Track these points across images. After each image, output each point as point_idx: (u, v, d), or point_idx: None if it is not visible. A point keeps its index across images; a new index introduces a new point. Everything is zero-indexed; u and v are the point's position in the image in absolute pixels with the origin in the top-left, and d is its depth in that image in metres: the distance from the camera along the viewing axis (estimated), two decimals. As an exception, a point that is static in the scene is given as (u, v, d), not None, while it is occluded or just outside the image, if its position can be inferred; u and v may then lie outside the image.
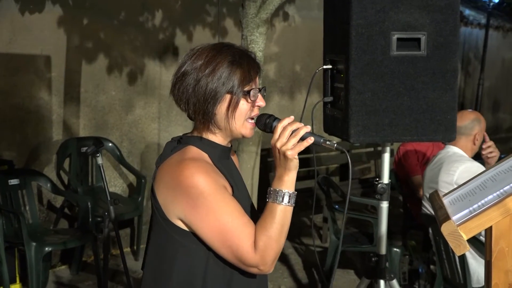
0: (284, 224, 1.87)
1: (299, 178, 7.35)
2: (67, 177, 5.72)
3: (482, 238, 3.65)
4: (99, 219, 5.01)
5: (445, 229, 1.68)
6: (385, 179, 3.10)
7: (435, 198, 1.98)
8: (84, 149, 5.63)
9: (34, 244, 4.48)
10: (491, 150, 4.06)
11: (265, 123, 1.94)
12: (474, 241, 3.71)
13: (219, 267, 1.92)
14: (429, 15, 2.73)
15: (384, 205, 3.14)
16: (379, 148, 7.55)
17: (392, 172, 5.46)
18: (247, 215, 1.88)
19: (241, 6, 4.19)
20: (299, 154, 1.87)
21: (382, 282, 3.20)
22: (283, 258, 5.80)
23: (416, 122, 2.77)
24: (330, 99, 2.99)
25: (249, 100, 1.94)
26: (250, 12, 4.12)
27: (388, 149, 3.11)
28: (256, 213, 2.06)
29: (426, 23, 2.73)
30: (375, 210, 6.18)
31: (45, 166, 5.71)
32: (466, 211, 1.74)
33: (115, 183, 6.16)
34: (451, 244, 1.67)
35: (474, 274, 3.85)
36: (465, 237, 1.66)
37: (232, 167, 2.07)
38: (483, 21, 11.24)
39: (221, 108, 1.92)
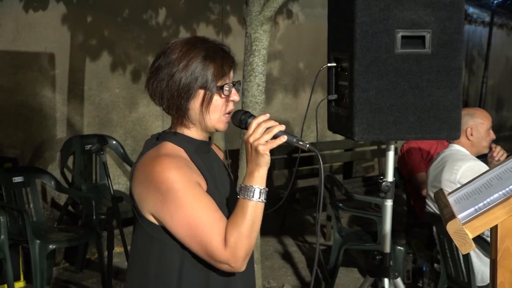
0: (255, 220, 1.85)
1: (302, 176, 7.33)
2: (71, 174, 5.72)
3: (486, 237, 3.64)
4: (103, 216, 5.01)
5: (450, 227, 1.68)
6: (390, 177, 3.09)
7: (440, 197, 1.97)
8: (88, 146, 5.63)
9: (38, 241, 4.48)
10: (501, 154, 4.12)
11: (240, 119, 1.94)
12: (478, 240, 3.70)
13: (195, 264, 1.91)
14: (434, 12, 2.72)
15: (389, 203, 3.14)
16: (383, 146, 7.54)
17: (395, 170, 5.44)
18: (220, 211, 1.86)
19: (245, 3, 4.18)
20: (304, 151, 1.86)
21: (386, 280, 3.20)
22: (286, 256, 5.80)
23: (420, 120, 2.77)
24: (334, 97, 2.98)
25: (222, 95, 1.93)
26: (254, 9, 4.12)
27: (392, 147, 3.10)
28: None
29: (431, 20, 2.73)
30: (379, 208, 6.17)
31: (49, 164, 5.72)
32: (472, 209, 1.73)
33: (119, 181, 6.17)
34: (457, 243, 1.67)
35: (479, 273, 3.84)
36: (471, 236, 1.66)
37: (213, 161, 2.05)
38: (487, 19, 11.22)
39: (195, 103, 1.92)
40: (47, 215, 5.63)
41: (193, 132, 1.98)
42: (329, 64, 2.98)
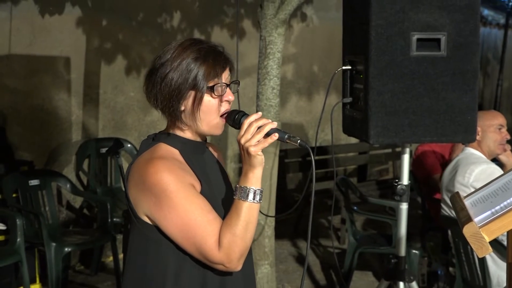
0: (250, 222, 1.84)
1: (317, 179, 7.31)
2: (86, 177, 5.75)
3: (502, 241, 3.62)
4: (118, 219, 5.03)
5: (467, 231, 1.67)
6: (405, 180, 3.09)
7: (456, 200, 1.96)
8: (103, 150, 5.66)
9: (53, 244, 4.51)
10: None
11: (234, 119, 1.92)
12: (494, 244, 3.68)
13: (191, 263, 1.91)
14: (449, 15, 2.72)
15: (404, 206, 3.13)
16: (398, 149, 7.52)
17: (410, 173, 5.42)
18: (215, 213, 1.86)
19: (260, 6, 4.19)
20: (318, 154, 1.85)
21: (401, 284, 3.19)
22: (301, 259, 5.80)
23: (436, 123, 2.76)
24: (349, 100, 2.98)
25: (214, 96, 1.92)
26: (269, 12, 4.12)
27: (407, 150, 3.10)
28: None
29: (446, 23, 2.72)
30: (394, 212, 6.15)
31: (64, 167, 5.75)
32: (488, 212, 1.73)
33: (134, 184, 6.18)
34: (473, 246, 1.66)
35: (494, 277, 3.81)
36: (488, 239, 1.65)
37: (208, 162, 2.05)
38: (502, 21, 11.16)
39: (187, 105, 1.92)
40: (63, 218, 5.66)
41: (187, 134, 1.99)
42: (344, 67, 2.98)
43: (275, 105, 4.26)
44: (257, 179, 1.86)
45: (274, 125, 1.85)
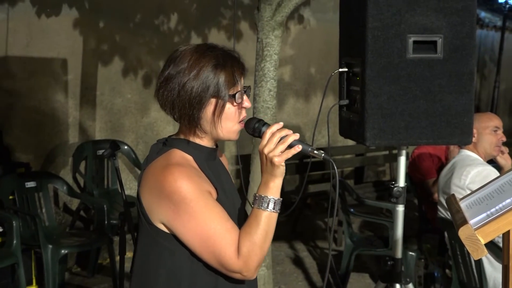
0: (269, 231, 1.84)
1: (314, 181, 7.33)
2: (83, 179, 5.75)
3: (498, 243, 3.63)
4: (114, 221, 5.02)
5: (462, 233, 1.67)
6: (401, 182, 3.09)
7: (452, 202, 1.96)
8: (100, 152, 5.65)
9: (50, 246, 4.50)
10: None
11: (254, 127, 1.92)
12: (490, 246, 3.68)
13: (204, 271, 1.90)
14: (446, 17, 2.72)
15: (400, 208, 3.13)
16: (395, 151, 7.52)
17: (407, 175, 5.43)
18: (232, 220, 1.86)
19: (257, 9, 4.19)
20: (315, 157, 1.85)
21: (398, 286, 3.19)
22: (298, 261, 5.80)
23: (432, 125, 2.76)
24: (346, 102, 2.98)
25: (234, 103, 1.92)
26: (266, 15, 4.13)
27: (404, 152, 3.10)
28: (247, 216, 2.03)
29: (443, 25, 2.72)
30: (390, 214, 6.15)
31: (61, 169, 5.74)
32: (484, 215, 1.73)
33: (131, 186, 6.19)
34: (469, 249, 1.66)
35: (490, 279, 3.82)
36: (483, 241, 1.65)
37: (220, 168, 2.05)
38: (499, 23, 11.16)
39: (207, 113, 1.90)
40: (59, 220, 5.66)
41: (204, 141, 1.97)
42: (340, 69, 2.98)
43: (272, 107, 4.27)
44: (277, 189, 1.86)
45: (297, 136, 1.84)
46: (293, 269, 5.60)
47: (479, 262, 3.73)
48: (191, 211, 1.81)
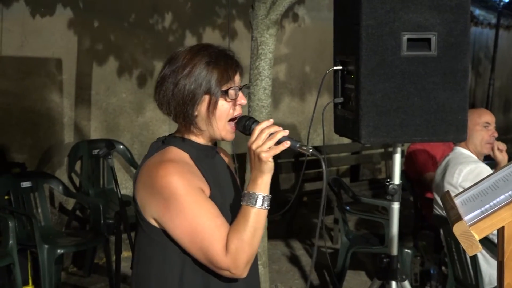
0: (258, 228, 1.84)
1: (310, 179, 7.30)
2: (78, 179, 5.74)
3: (494, 238, 3.64)
4: (110, 221, 5.02)
5: (457, 229, 1.68)
6: (396, 179, 3.09)
7: (446, 199, 1.97)
8: (95, 151, 5.65)
9: (46, 246, 4.50)
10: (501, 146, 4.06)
11: (245, 125, 1.94)
12: (485, 242, 3.70)
13: (196, 267, 1.91)
14: (440, 15, 2.73)
15: (396, 206, 3.14)
16: (390, 149, 7.53)
17: (402, 172, 5.44)
18: (222, 217, 1.86)
19: (251, 7, 4.19)
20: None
21: (393, 283, 3.20)
22: (294, 260, 5.80)
23: (427, 122, 2.77)
24: (340, 100, 2.99)
25: (228, 100, 1.93)
26: (260, 13, 4.12)
27: (399, 149, 3.11)
28: None
29: (437, 23, 2.73)
30: (386, 211, 6.16)
31: (56, 169, 5.74)
32: (478, 211, 1.73)
33: (126, 185, 6.18)
34: (463, 245, 1.67)
35: (486, 275, 3.83)
36: (477, 238, 1.66)
37: (218, 167, 2.06)
38: (493, 21, 11.19)
39: (201, 110, 1.93)
40: (55, 219, 5.65)
41: (201, 139, 1.99)
42: (335, 67, 2.99)
43: (267, 106, 4.27)
44: (266, 185, 1.86)
45: (286, 133, 1.86)
46: (289, 267, 5.61)
47: (474, 259, 3.74)
48: (181, 207, 1.83)
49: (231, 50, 2.00)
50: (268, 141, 1.83)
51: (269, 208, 1.87)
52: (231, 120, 1.97)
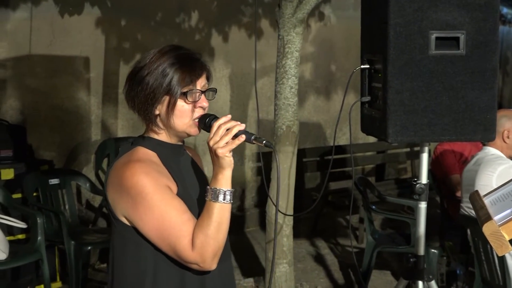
0: (222, 222, 1.88)
1: (335, 178, 7.27)
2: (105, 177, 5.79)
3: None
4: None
5: (486, 229, 1.67)
6: (424, 179, 3.08)
7: (475, 198, 1.96)
8: (122, 149, 5.69)
9: (73, 242, 4.55)
10: None
11: (205, 123, 1.96)
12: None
13: (169, 263, 1.95)
14: (468, 13, 2.70)
15: (423, 205, 3.12)
16: (416, 148, 7.48)
17: (429, 172, 5.40)
18: (190, 213, 1.90)
19: (278, 6, 4.19)
20: (336, 153, 1.85)
21: (420, 283, 3.18)
22: (319, 259, 5.80)
23: (455, 121, 2.75)
24: (367, 99, 2.98)
25: (187, 101, 1.96)
26: (287, 12, 4.13)
27: (426, 149, 3.09)
28: None
29: (465, 21, 2.71)
30: (412, 211, 6.12)
31: (84, 166, 5.80)
32: (508, 211, 1.72)
33: (152, 183, 6.21)
34: (493, 245, 1.66)
35: (514, 276, 3.79)
36: (507, 237, 1.65)
37: (185, 164, 2.10)
38: (522, 19, 11.07)
39: (162, 109, 1.97)
40: (82, 216, 5.71)
41: (164, 136, 2.03)
42: (362, 66, 2.98)
43: (293, 104, 4.27)
44: (226, 180, 1.90)
45: (242, 127, 1.88)
46: (314, 266, 5.61)
47: (502, 259, 3.71)
48: (147, 204, 1.87)
49: (199, 53, 2.04)
50: (225, 137, 1.86)
51: (231, 202, 1.89)
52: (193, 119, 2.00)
